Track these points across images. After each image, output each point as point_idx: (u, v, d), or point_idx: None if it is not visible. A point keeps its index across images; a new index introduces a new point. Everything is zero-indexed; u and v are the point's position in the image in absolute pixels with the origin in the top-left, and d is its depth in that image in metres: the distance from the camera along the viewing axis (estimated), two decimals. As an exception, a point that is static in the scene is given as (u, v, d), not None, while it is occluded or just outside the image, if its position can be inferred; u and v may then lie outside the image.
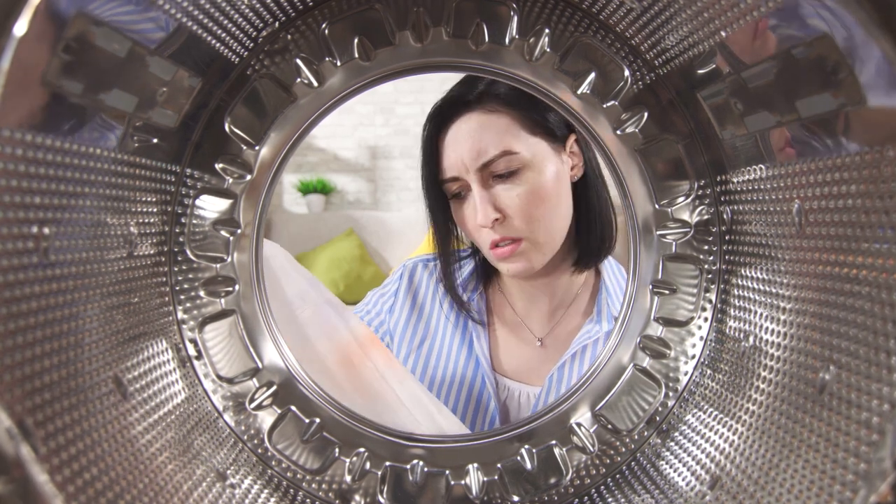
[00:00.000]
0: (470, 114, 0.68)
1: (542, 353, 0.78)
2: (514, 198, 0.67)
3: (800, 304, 0.39)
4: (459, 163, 0.68)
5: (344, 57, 0.50)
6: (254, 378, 0.52)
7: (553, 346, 0.78)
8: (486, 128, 0.67)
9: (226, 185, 0.51)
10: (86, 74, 0.33)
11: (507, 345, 0.79)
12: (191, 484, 0.42)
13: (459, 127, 0.68)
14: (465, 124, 0.68)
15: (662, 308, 0.53)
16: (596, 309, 0.76)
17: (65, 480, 0.31)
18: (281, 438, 0.52)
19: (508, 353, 0.78)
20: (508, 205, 0.68)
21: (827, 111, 0.33)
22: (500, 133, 0.67)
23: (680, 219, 0.52)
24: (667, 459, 0.49)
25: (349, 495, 0.52)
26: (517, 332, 0.80)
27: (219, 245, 0.51)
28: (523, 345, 0.79)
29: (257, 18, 0.47)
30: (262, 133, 0.51)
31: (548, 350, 0.78)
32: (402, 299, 0.83)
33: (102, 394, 0.37)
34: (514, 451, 0.53)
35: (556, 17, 0.49)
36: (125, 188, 0.41)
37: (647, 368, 0.53)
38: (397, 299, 0.83)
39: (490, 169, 0.67)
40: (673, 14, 0.43)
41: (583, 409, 0.54)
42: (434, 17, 0.50)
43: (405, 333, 0.81)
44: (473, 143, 0.67)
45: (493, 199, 0.68)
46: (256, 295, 0.52)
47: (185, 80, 0.44)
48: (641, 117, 0.50)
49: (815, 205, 0.36)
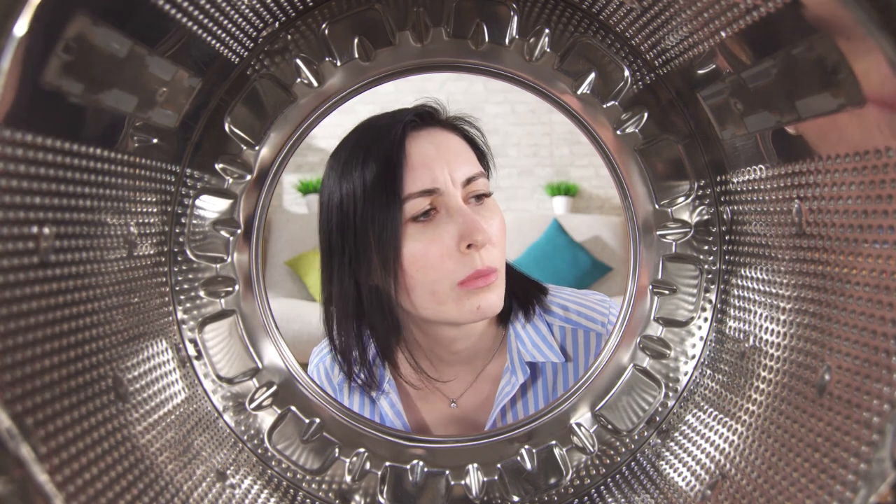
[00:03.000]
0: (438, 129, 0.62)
1: (473, 417, 0.71)
2: (492, 225, 0.59)
3: (799, 304, 0.39)
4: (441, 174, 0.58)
5: (344, 57, 0.50)
6: (254, 378, 0.52)
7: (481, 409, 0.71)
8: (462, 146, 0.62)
9: (226, 185, 0.51)
10: (86, 74, 0.33)
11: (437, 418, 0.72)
12: (191, 484, 0.42)
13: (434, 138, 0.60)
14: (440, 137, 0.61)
15: (662, 308, 0.53)
16: (508, 360, 0.69)
17: (65, 480, 0.31)
18: (281, 438, 0.52)
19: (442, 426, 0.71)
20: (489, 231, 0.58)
21: (827, 111, 0.33)
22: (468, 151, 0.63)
23: (680, 219, 0.52)
24: (667, 459, 0.49)
25: (349, 495, 0.52)
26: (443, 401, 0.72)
27: (219, 245, 0.51)
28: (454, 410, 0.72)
29: (257, 18, 0.47)
30: (262, 133, 0.50)
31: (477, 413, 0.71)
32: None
33: (103, 393, 0.37)
34: (514, 452, 0.53)
35: (556, 18, 0.49)
36: (125, 188, 0.41)
37: (647, 368, 0.53)
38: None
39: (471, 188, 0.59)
40: (673, 14, 0.43)
41: (583, 409, 0.54)
42: (434, 17, 0.50)
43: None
44: (456, 156, 0.60)
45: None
46: (256, 295, 0.52)
47: (185, 80, 0.44)
48: (641, 117, 0.50)
49: (815, 205, 0.36)
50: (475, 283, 0.58)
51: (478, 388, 0.72)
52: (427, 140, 0.60)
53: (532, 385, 0.69)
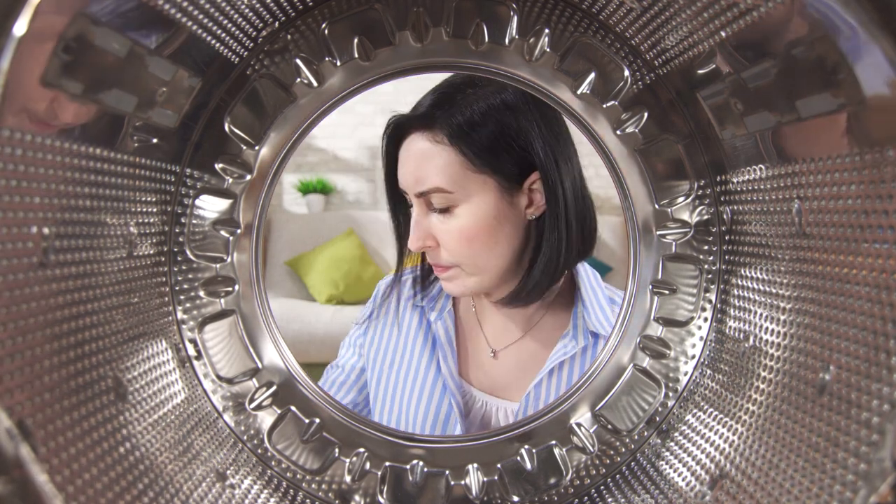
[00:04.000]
0: (420, 135, 0.66)
1: (518, 370, 0.76)
2: (445, 231, 0.66)
3: (800, 304, 0.39)
4: (404, 181, 0.68)
5: (344, 57, 0.50)
6: (253, 378, 0.52)
7: (529, 363, 0.76)
8: (429, 158, 0.65)
9: (226, 185, 0.51)
10: (86, 74, 0.33)
11: (480, 362, 0.78)
12: (191, 484, 0.42)
13: (409, 146, 0.67)
14: (413, 145, 0.67)
15: (662, 308, 0.53)
16: (571, 324, 0.74)
17: (65, 480, 0.31)
18: (281, 438, 0.52)
19: (483, 371, 0.77)
20: (440, 236, 0.67)
21: (827, 111, 0.33)
22: (439, 167, 0.65)
23: (680, 219, 0.52)
24: (667, 459, 0.49)
25: (349, 495, 0.52)
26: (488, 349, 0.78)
27: (218, 245, 0.51)
28: (495, 362, 0.77)
29: (257, 18, 0.47)
30: (261, 133, 0.50)
31: (523, 366, 0.76)
32: (375, 321, 0.83)
33: (103, 394, 0.37)
34: (513, 452, 0.53)
35: (556, 17, 0.49)
36: (125, 188, 0.41)
37: (647, 368, 0.53)
38: (370, 321, 0.83)
39: (427, 198, 0.66)
40: (673, 14, 0.43)
41: (583, 409, 0.54)
42: (434, 17, 0.50)
43: (377, 355, 0.80)
44: (414, 169, 0.66)
45: (428, 226, 0.67)
46: (256, 295, 0.52)
47: (185, 80, 0.44)
48: (641, 117, 0.50)
49: (815, 205, 0.36)
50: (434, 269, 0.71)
51: (524, 345, 0.76)
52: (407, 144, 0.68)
53: (581, 357, 0.72)
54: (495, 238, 0.68)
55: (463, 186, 0.65)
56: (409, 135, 0.67)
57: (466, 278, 0.70)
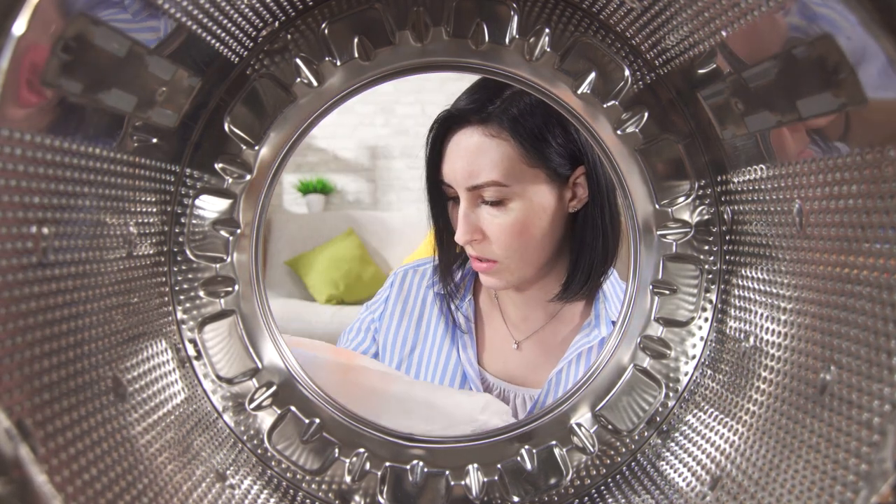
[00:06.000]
0: (473, 129, 0.67)
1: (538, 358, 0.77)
2: (497, 225, 0.67)
3: (800, 304, 0.39)
4: (453, 175, 0.69)
5: (344, 57, 0.50)
6: (253, 378, 0.52)
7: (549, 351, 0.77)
8: (484, 152, 0.66)
9: (225, 185, 0.51)
10: (85, 74, 0.33)
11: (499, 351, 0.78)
12: (190, 484, 0.42)
13: (460, 140, 0.68)
14: (466, 139, 0.67)
15: (663, 308, 0.53)
16: (594, 314, 0.75)
17: (64, 480, 0.31)
18: (281, 439, 0.52)
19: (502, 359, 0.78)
20: (490, 230, 0.68)
21: (828, 111, 0.33)
22: (495, 161, 0.66)
23: (680, 219, 0.52)
24: (667, 460, 0.49)
25: (349, 496, 0.52)
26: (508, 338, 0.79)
27: (218, 245, 0.51)
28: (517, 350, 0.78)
29: (257, 18, 0.47)
30: (261, 133, 0.50)
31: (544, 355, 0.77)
32: (392, 307, 0.83)
33: (102, 394, 0.37)
34: (514, 452, 0.53)
35: (557, 17, 0.49)
36: (125, 188, 0.41)
37: (647, 369, 0.53)
38: (387, 307, 0.83)
39: (479, 192, 0.67)
40: (673, 14, 0.43)
41: (583, 409, 0.54)
42: (434, 16, 0.50)
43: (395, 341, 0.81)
44: (467, 164, 0.67)
45: (476, 220, 0.68)
46: (256, 295, 0.52)
47: (185, 80, 0.44)
48: (642, 117, 0.50)
49: (816, 205, 0.36)
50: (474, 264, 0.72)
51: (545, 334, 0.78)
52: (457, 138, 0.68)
53: (598, 348, 0.73)
54: (543, 233, 0.70)
55: (518, 180, 0.66)
56: (459, 130, 0.68)
57: (508, 272, 0.71)
